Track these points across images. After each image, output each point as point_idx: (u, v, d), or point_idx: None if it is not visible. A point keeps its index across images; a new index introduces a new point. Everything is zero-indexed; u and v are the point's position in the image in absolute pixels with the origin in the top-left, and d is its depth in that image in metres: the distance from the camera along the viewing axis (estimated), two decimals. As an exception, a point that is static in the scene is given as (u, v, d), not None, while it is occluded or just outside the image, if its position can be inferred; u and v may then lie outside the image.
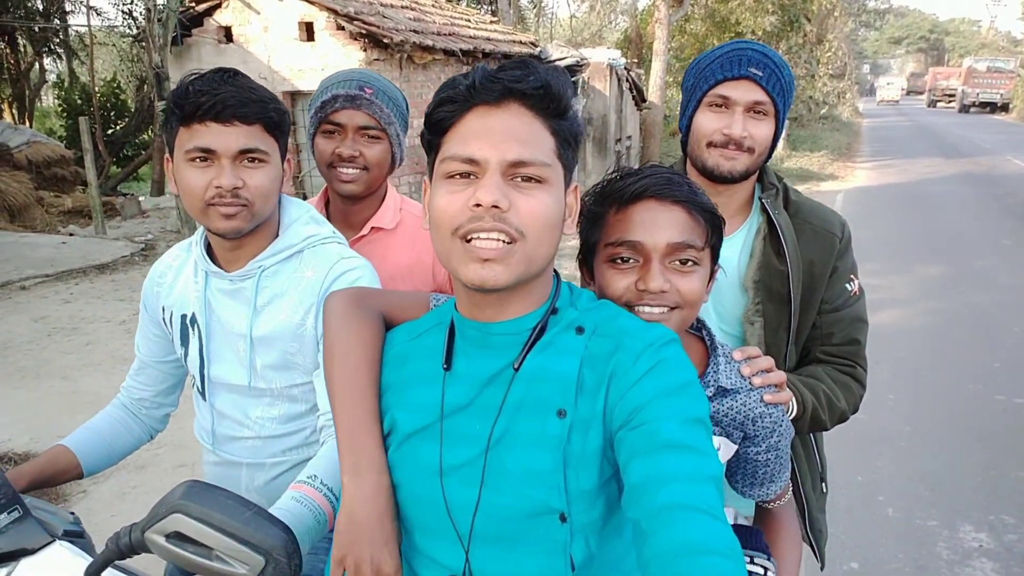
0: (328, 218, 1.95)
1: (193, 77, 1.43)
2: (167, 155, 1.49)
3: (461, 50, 11.39)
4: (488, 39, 13.05)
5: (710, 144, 1.61)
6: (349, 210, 1.93)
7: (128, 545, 0.99)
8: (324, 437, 1.47)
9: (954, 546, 3.46)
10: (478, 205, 0.98)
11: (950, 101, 48.62)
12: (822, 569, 1.97)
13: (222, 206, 1.41)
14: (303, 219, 1.58)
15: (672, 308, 1.23)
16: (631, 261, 1.23)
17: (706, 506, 0.88)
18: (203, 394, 1.63)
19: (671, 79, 19.77)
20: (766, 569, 1.34)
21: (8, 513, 1.10)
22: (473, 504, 1.06)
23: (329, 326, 1.23)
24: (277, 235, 1.56)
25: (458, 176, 1.02)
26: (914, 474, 4.11)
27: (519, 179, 1.01)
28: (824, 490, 1.90)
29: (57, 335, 6.85)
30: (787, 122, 1.68)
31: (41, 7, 20.35)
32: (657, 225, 1.22)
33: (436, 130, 1.06)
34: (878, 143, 25.63)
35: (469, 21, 14.15)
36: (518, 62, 1.04)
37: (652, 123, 18.64)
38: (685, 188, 1.24)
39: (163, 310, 1.65)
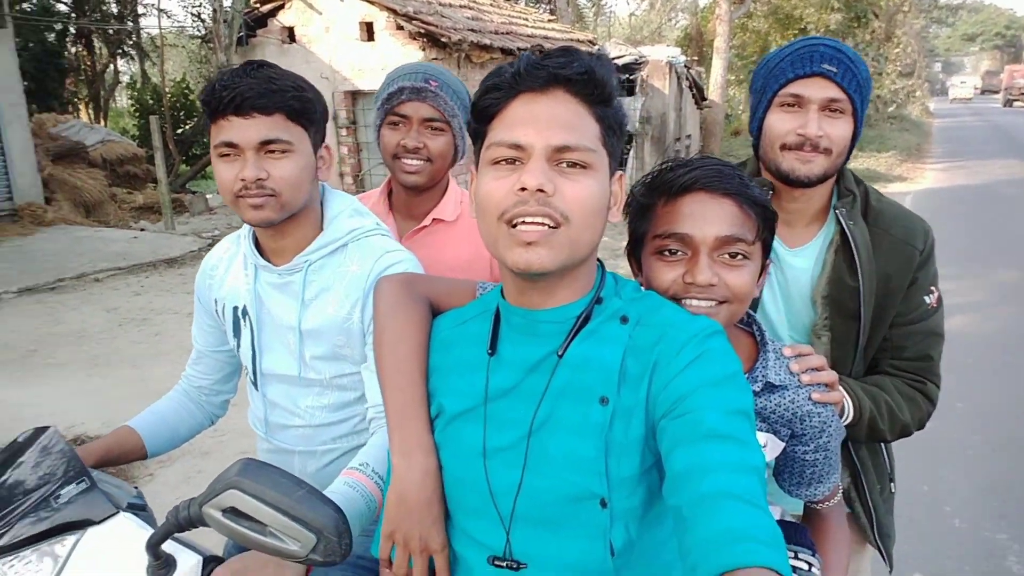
0: (390, 208, 1.99)
1: (221, 73, 1.44)
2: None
3: (519, 49, 11.41)
4: (546, 37, 13.06)
5: (784, 146, 1.53)
6: (411, 201, 1.96)
7: (187, 518, 1.02)
8: (374, 428, 1.50)
9: (1025, 560, 3.33)
10: (523, 189, 0.99)
11: (1028, 100, 46.60)
12: (891, 572, 1.91)
13: (249, 197, 1.43)
14: (346, 212, 1.60)
15: (720, 302, 1.21)
16: (679, 253, 1.22)
17: (748, 495, 0.87)
18: (255, 384, 1.67)
19: (732, 77, 19.47)
20: (810, 565, 1.31)
21: (76, 484, 1.15)
22: (515, 487, 1.07)
23: (379, 311, 1.26)
24: (321, 228, 1.57)
25: (504, 162, 1.03)
26: (983, 485, 3.96)
27: (564, 164, 1.01)
28: (892, 490, 1.83)
29: (128, 325, 7.11)
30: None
31: (116, 11, 21.15)
32: (706, 218, 1.20)
33: (482, 118, 1.07)
34: (949, 143, 24.75)
35: (527, 20, 14.18)
36: (562, 49, 1.05)
37: (712, 122, 18.39)
38: (736, 180, 1.21)
39: (215, 302, 1.68)
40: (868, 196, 1.66)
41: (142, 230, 11.87)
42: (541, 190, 0.98)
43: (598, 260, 1.14)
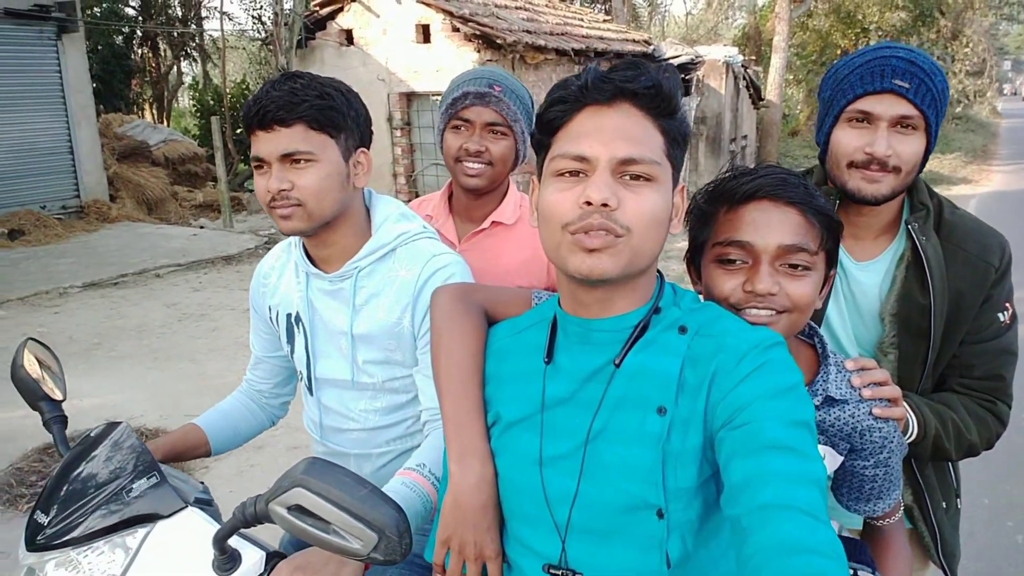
0: (450, 211, 2.02)
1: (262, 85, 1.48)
2: None
3: (573, 50, 11.39)
4: (600, 38, 12.99)
5: (851, 164, 1.47)
6: (472, 204, 1.98)
7: (253, 515, 1.05)
8: (428, 430, 1.52)
9: (1095, 580, 3.20)
10: (588, 203, 1.00)
11: (1103, 100, 44.69)
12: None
13: (277, 208, 1.46)
14: (393, 217, 1.61)
15: (780, 312, 1.19)
16: (740, 262, 1.20)
17: (808, 507, 0.86)
18: (310, 389, 1.70)
19: (791, 77, 19.10)
20: None
21: (147, 478, 1.19)
22: (571, 495, 1.07)
23: (435, 320, 1.28)
24: (369, 234, 1.59)
25: (568, 174, 1.04)
26: (1050, 501, 3.82)
27: (628, 177, 1.02)
28: (958, 506, 1.78)
29: (187, 320, 7.30)
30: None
31: (180, 13, 21.76)
32: (769, 226, 1.18)
33: (547, 130, 1.08)
34: (1018, 144, 23.88)
35: (582, 20, 14.13)
36: (629, 62, 1.05)
37: (769, 122, 18.09)
38: (801, 189, 1.20)
39: (269, 309, 1.71)
40: (942, 209, 1.59)
41: (201, 227, 12.17)
42: (606, 204, 0.99)
43: (658, 271, 1.14)
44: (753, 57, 20.91)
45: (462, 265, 1.58)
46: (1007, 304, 1.59)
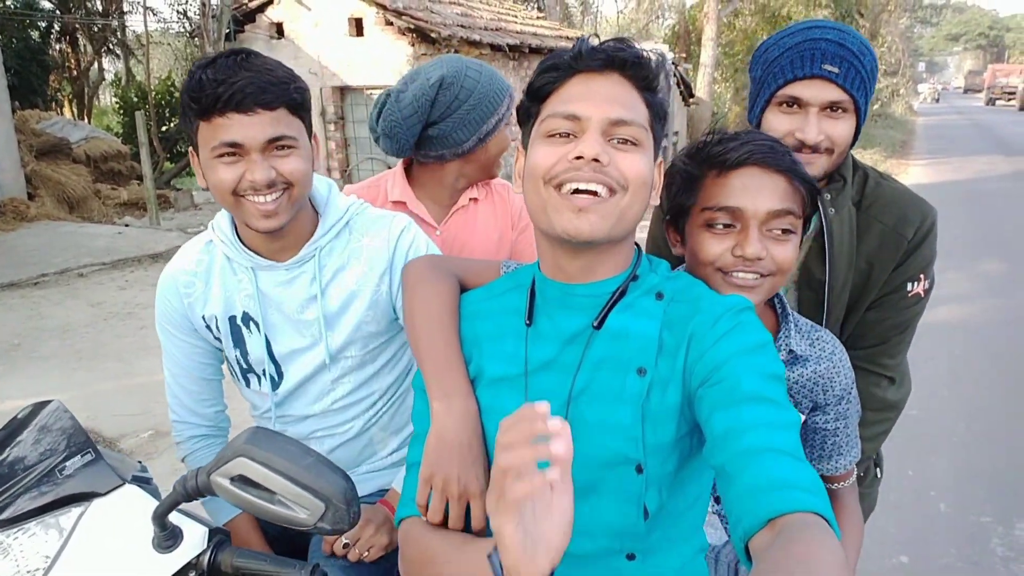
0: (411, 184, 1.95)
1: (203, 64, 1.31)
2: (191, 149, 1.42)
3: (508, 45, 11.41)
4: (535, 34, 13.06)
5: None
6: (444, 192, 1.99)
7: (195, 488, 1.02)
8: None
9: (1010, 543, 3.37)
10: (579, 158, 1.03)
11: (1010, 99, 46.82)
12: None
13: (259, 196, 1.35)
14: (334, 191, 1.57)
15: (765, 275, 1.24)
16: (729, 226, 1.24)
17: (788, 448, 0.91)
18: (275, 386, 1.59)
19: (719, 75, 19.51)
20: None
21: (81, 456, 1.15)
22: None
23: (408, 287, 1.30)
24: (315, 212, 1.53)
25: (558, 135, 1.06)
26: (969, 471, 4.01)
27: (616, 140, 1.05)
28: (877, 475, 1.86)
29: (113, 320, 7.05)
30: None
31: (101, 7, 20.95)
32: (760, 192, 1.22)
33: (536, 97, 1.11)
34: (934, 140, 24.94)
35: (516, 17, 14.16)
36: (617, 38, 1.10)
37: (700, 120, 18.46)
38: (788, 157, 1.24)
39: (203, 319, 1.57)
40: (867, 180, 1.60)
41: (127, 226, 11.75)
42: (597, 160, 1.02)
43: (636, 244, 1.18)
44: (683, 55, 21.32)
45: (414, 223, 1.59)
46: (921, 275, 1.58)
